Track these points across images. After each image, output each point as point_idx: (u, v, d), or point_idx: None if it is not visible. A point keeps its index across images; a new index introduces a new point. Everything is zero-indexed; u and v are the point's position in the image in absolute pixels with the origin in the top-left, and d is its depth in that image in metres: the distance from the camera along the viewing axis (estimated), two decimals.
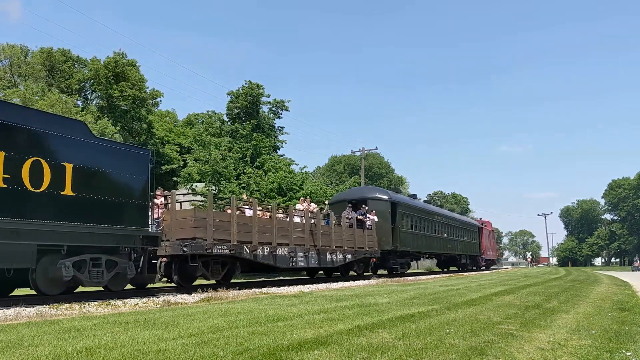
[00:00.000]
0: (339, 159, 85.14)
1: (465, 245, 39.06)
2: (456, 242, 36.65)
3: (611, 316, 8.12)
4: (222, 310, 8.48)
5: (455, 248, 36.10)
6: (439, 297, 11.25)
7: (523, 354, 5.03)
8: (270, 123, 43.11)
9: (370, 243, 23.73)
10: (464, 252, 38.93)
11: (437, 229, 32.16)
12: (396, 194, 28.93)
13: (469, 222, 44.06)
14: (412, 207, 28.52)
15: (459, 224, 38.45)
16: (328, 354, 4.85)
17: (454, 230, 36.41)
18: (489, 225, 52.21)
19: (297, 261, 18.36)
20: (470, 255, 40.84)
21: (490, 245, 50.60)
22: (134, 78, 42.62)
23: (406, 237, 26.55)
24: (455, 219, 38.17)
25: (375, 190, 27.65)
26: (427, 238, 30.15)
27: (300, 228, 18.90)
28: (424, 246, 29.56)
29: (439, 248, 32.47)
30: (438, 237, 32.27)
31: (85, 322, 7.02)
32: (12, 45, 42.26)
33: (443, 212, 36.46)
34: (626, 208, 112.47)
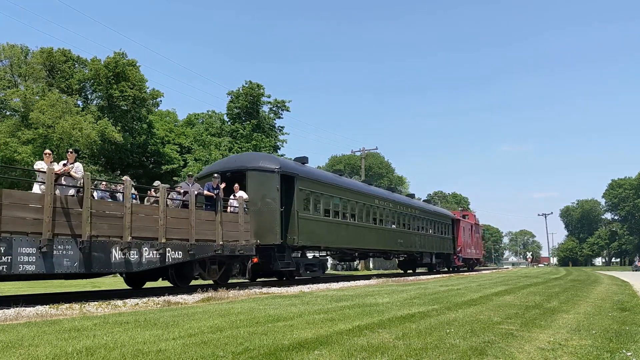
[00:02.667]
0: (339, 159, 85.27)
1: (430, 240, 31.39)
2: (415, 237, 28.75)
3: (611, 316, 8.11)
4: (222, 310, 8.47)
5: (412, 244, 28.24)
6: (439, 297, 11.25)
7: (523, 354, 5.03)
8: (270, 123, 43.14)
9: (235, 234, 15.08)
10: (429, 250, 31.11)
11: (381, 218, 24.45)
12: (297, 164, 19.46)
13: (438, 212, 35.48)
14: (326, 185, 19.98)
15: (420, 214, 30.08)
16: (328, 354, 4.84)
17: (412, 220, 28.61)
18: (471, 218, 44.51)
19: None
20: (439, 253, 33.36)
21: (472, 242, 42.11)
22: (134, 78, 42.61)
23: (312, 226, 18.42)
24: (414, 206, 29.71)
25: (260, 157, 18.48)
26: (357, 230, 22.09)
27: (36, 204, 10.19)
28: (350, 240, 21.48)
29: (381, 243, 24.43)
30: (380, 230, 24.30)
31: (85, 322, 7.01)
32: (13, 45, 42.26)
33: (391, 197, 26.91)
34: (627, 208, 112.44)
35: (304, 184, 18.20)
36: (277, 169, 16.96)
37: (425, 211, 31.49)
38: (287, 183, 17.39)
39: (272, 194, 16.84)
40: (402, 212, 27.41)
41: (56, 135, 33.49)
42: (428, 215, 31.62)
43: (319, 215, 19.25)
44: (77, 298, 11.43)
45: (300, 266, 18.40)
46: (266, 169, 17.11)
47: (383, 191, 27.18)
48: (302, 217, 17.78)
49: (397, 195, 29.00)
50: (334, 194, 20.37)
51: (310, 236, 18.31)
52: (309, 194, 18.67)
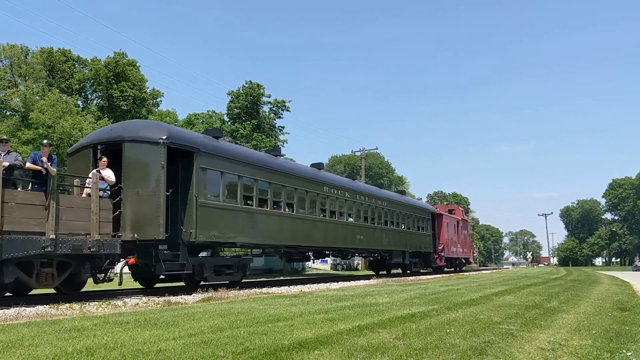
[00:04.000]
0: (339, 159, 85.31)
1: (402, 237, 27.12)
2: (381, 233, 24.59)
3: (612, 316, 8.11)
4: (223, 310, 8.48)
5: (377, 241, 24.05)
6: (439, 297, 11.25)
7: (523, 354, 5.03)
8: (270, 123, 43.16)
9: (82, 225, 10.98)
10: (401, 248, 26.79)
11: (333, 209, 20.55)
12: (198, 135, 15.74)
13: (414, 204, 31.32)
14: (249, 165, 15.75)
15: (389, 206, 25.83)
16: (328, 353, 4.84)
17: (378, 214, 24.45)
18: (458, 213, 40.24)
19: None
20: (416, 252, 29.24)
21: (457, 239, 37.77)
22: (134, 78, 42.61)
23: (221, 217, 14.42)
24: (380, 197, 25.34)
25: (141, 125, 14.34)
26: (297, 223, 17.87)
27: None
28: (286, 235, 17.30)
29: (334, 240, 20.46)
30: (332, 224, 20.37)
31: (85, 322, 7.01)
32: (13, 45, 42.26)
33: (349, 185, 22.70)
34: (627, 208, 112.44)
35: (209, 161, 14.09)
36: (163, 140, 12.71)
37: (396, 203, 27.01)
38: (184, 159, 13.59)
39: (154, 173, 12.60)
40: (365, 204, 23.17)
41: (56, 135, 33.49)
42: (400, 208, 27.21)
43: (235, 203, 14.94)
44: (77, 298, 11.43)
45: (206, 268, 14.19)
46: (147, 139, 12.86)
47: (338, 178, 23.34)
48: (204, 204, 13.62)
49: (359, 184, 24.67)
50: (260, 178, 16.10)
51: (218, 229, 14.19)
52: (219, 175, 14.45)
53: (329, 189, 20.24)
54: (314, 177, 19.64)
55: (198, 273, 14.07)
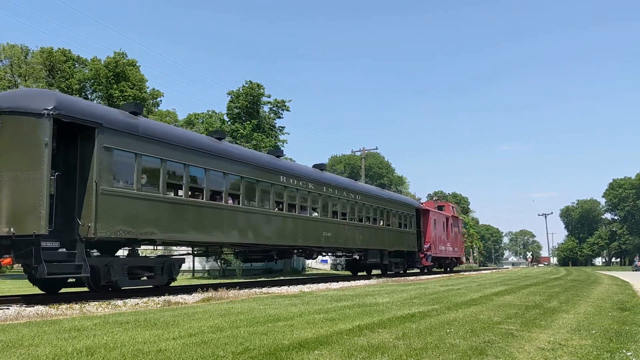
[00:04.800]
0: (339, 159, 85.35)
1: (380, 235, 24.51)
2: (354, 230, 22.08)
3: (612, 316, 8.11)
4: (223, 310, 8.48)
5: (348, 238, 21.50)
6: (439, 297, 11.25)
7: (523, 353, 5.03)
8: (270, 123, 43.15)
9: None
10: (378, 246, 24.24)
11: (293, 202, 18.04)
12: (101, 107, 13.63)
13: (395, 199, 27.94)
14: (170, 144, 13.15)
15: (364, 200, 23.33)
16: (328, 353, 4.84)
17: (350, 208, 21.92)
18: (448, 209, 37.17)
19: None
20: (397, 251, 26.61)
21: (447, 237, 34.93)
22: (134, 78, 42.60)
23: (133, 208, 11.99)
24: (353, 189, 22.68)
25: (23, 94, 11.92)
26: (241, 217, 15.36)
27: None
28: (228, 231, 14.82)
29: (292, 237, 17.80)
30: (291, 218, 17.72)
31: (85, 322, 7.02)
32: (13, 45, 42.28)
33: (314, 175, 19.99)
34: (627, 208, 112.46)
35: (118, 140, 11.71)
36: (49, 111, 10.35)
37: (373, 197, 24.36)
38: (84, 137, 11.26)
39: (36, 152, 10.29)
40: (334, 197, 20.60)
41: None
42: (378, 203, 24.56)
43: (155, 192, 12.52)
44: (77, 298, 11.42)
45: (115, 270, 11.88)
46: (28, 110, 10.46)
47: (299, 167, 20.38)
48: (108, 192, 11.34)
49: (327, 175, 21.60)
50: (194, 163, 13.74)
51: (130, 223, 11.84)
52: (132, 157, 12.09)
53: (287, 178, 17.67)
54: (268, 165, 17.03)
55: (104, 276, 11.69)
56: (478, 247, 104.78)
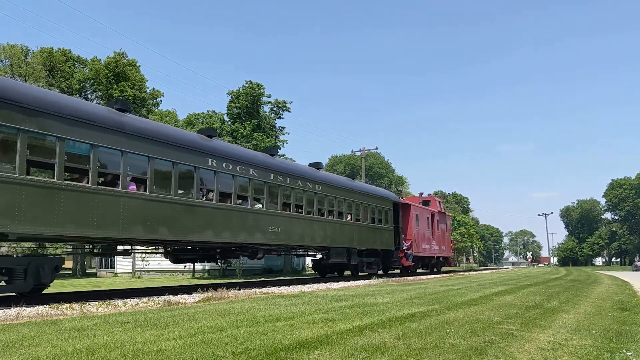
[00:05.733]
0: (339, 159, 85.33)
1: (348, 231, 21.64)
2: (313, 225, 19.23)
3: (612, 316, 8.11)
4: (223, 310, 8.48)
5: (304, 235, 18.63)
6: (439, 297, 11.25)
7: (523, 353, 5.03)
8: (271, 123, 43.14)
9: None
10: (346, 244, 21.46)
11: (228, 191, 15.35)
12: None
13: (366, 190, 24.43)
14: (30, 109, 10.22)
15: (326, 191, 20.38)
16: (328, 353, 4.84)
17: (307, 199, 19.06)
18: (434, 204, 34.21)
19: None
20: (370, 249, 23.83)
21: (432, 235, 32.07)
22: (134, 78, 42.61)
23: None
24: (312, 178, 19.66)
25: None
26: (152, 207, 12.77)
27: None
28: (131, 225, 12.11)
29: (226, 233, 14.94)
30: (222, 211, 14.93)
31: (85, 322, 7.01)
32: (13, 45, 42.29)
33: (255, 160, 16.98)
34: (627, 208, 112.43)
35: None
36: None
37: (338, 188, 21.38)
38: None
39: None
40: (285, 186, 17.81)
41: None
42: (344, 195, 21.63)
43: (11, 171, 9.88)
44: (78, 298, 11.43)
45: None
46: None
47: (239, 150, 17.47)
48: None
49: (278, 161, 18.72)
50: (72, 137, 10.95)
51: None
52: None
53: (219, 162, 14.91)
54: (190, 144, 14.15)
55: None
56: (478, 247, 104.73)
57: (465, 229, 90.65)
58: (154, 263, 34.02)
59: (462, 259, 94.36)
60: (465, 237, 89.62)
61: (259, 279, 26.67)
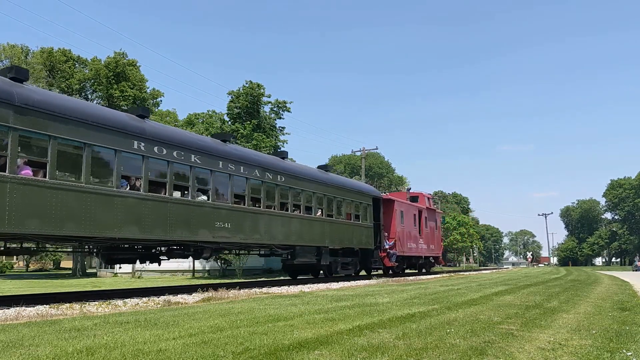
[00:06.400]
0: (340, 159, 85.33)
1: (317, 228, 19.44)
2: (272, 220, 16.93)
3: (612, 316, 8.10)
4: (223, 310, 8.48)
5: (262, 231, 16.47)
6: (439, 297, 11.25)
7: (523, 353, 5.03)
8: (271, 123, 43.15)
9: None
10: (315, 242, 19.32)
11: (161, 179, 13.41)
12: None
13: (341, 183, 22.17)
14: None
15: (290, 182, 18.12)
16: (328, 353, 4.84)
17: (266, 191, 16.86)
18: (422, 200, 31.99)
19: None
20: (346, 248, 21.93)
21: (419, 233, 29.98)
22: (134, 78, 42.62)
23: None
24: (274, 169, 17.45)
25: None
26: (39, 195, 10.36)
27: None
28: None
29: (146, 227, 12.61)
30: (142, 201, 12.62)
31: (85, 322, 7.01)
32: (13, 45, 42.30)
33: (200, 143, 15.01)
34: (627, 208, 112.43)
35: None
36: None
37: (306, 180, 19.16)
38: None
39: None
40: (238, 176, 15.68)
41: None
42: (313, 188, 19.44)
43: None
44: (78, 298, 11.43)
45: None
46: None
47: (179, 133, 15.20)
48: None
49: (230, 148, 16.15)
50: None
51: None
52: None
53: (150, 146, 12.76)
54: (112, 124, 12.02)
55: None
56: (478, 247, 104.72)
57: (465, 229, 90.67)
58: (154, 263, 33.90)
59: (462, 259, 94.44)
60: (465, 237, 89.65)
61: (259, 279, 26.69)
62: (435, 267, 38.20)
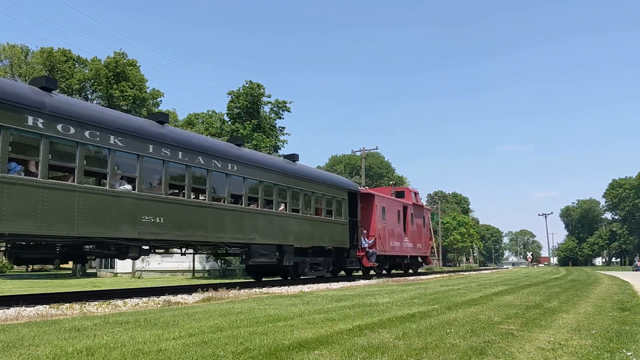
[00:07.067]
0: (340, 159, 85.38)
1: (279, 223, 17.13)
2: (217, 214, 14.64)
3: (612, 316, 8.10)
4: (223, 310, 8.47)
5: (203, 226, 14.15)
6: (439, 297, 11.25)
7: (523, 353, 5.03)
8: (271, 123, 43.17)
9: None
10: (275, 240, 16.94)
11: (65, 163, 11.30)
12: None
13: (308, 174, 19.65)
14: None
15: (245, 172, 15.79)
16: (328, 353, 4.84)
17: (214, 182, 14.85)
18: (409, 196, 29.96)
19: None
20: (316, 248, 19.67)
21: (404, 231, 27.78)
22: (134, 78, 42.64)
23: None
24: (222, 155, 15.15)
25: None
26: None
27: None
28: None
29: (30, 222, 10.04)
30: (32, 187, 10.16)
31: (85, 322, 7.01)
32: (13, 45, 42.34)
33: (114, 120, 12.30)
34: (627, 208, 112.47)
35: None
36: None
37: (267, 170, 16.74)
38: None
39: None
40: (175, 163, 13.43)
41: None
42: (274, 179, 17.02)
43: None
44: (78, 298, 11.43)
45: None
46: None
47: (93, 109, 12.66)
48: None
49: (167, 130, 13.63)
50: None
51: None
52: None
53: (50, 122, 10.54)
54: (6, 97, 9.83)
55: None
56: (478, 247, 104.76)
57: (465, 229, 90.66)
58: (154, 263, 34.00)
59: (462, 259, 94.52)
60: (465, 237, 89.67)
61: None
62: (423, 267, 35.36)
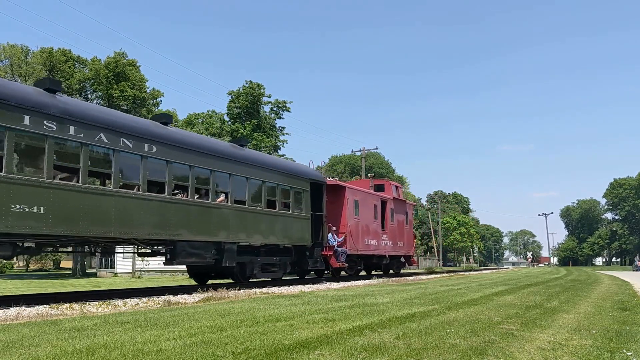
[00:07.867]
0: (340, 159, 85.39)
1: (217, 218, 14.56)
2: (134, 204, 12.04)
3: (612, 316, 8.10)
4: (223, 310, 8.47)
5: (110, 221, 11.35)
6: (439, 297, 11.24)
7: (524, 353, 5.03)
8: (271, 123, 43.20)
9: None
10: (210, 237, 14.33)
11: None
12: None
13: (261, 161, 17.08)
14: None
15: (171, 156, 13.11)
16: (329, 353, 4.84)
17: (123, 165, 11.96)
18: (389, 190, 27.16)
19: None
20: (270, 246, 17.22)
21: (382, 229, 25.03)
22: (134, 78, 42.64)
23: None
24: (143, 134, 12.41)
25: None
26: None
27: None
28: None
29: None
30: None
31: (85, 322, 7.01)
32: (13, 45, 42.34)
33: None
34: (627, 208, 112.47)
35: None
36: None
37: (203, 153, 14.20)
38: None
39: None
40: (70, 140, 10.88)
41: None
42: (212, 164, 14.47)
43: None
44: (78, 298, 11.43)
45: None
46: None
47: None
48: None
49: (61, 100, 10.94)
50: None
51: None
52: None
53: None
54: None
55: None
56: (478, 247, 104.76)
57: (465, 229, 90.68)
58: (154, 263, 33.97)
59: (462, 259, 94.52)
60: (465, 237, 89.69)
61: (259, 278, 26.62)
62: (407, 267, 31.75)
